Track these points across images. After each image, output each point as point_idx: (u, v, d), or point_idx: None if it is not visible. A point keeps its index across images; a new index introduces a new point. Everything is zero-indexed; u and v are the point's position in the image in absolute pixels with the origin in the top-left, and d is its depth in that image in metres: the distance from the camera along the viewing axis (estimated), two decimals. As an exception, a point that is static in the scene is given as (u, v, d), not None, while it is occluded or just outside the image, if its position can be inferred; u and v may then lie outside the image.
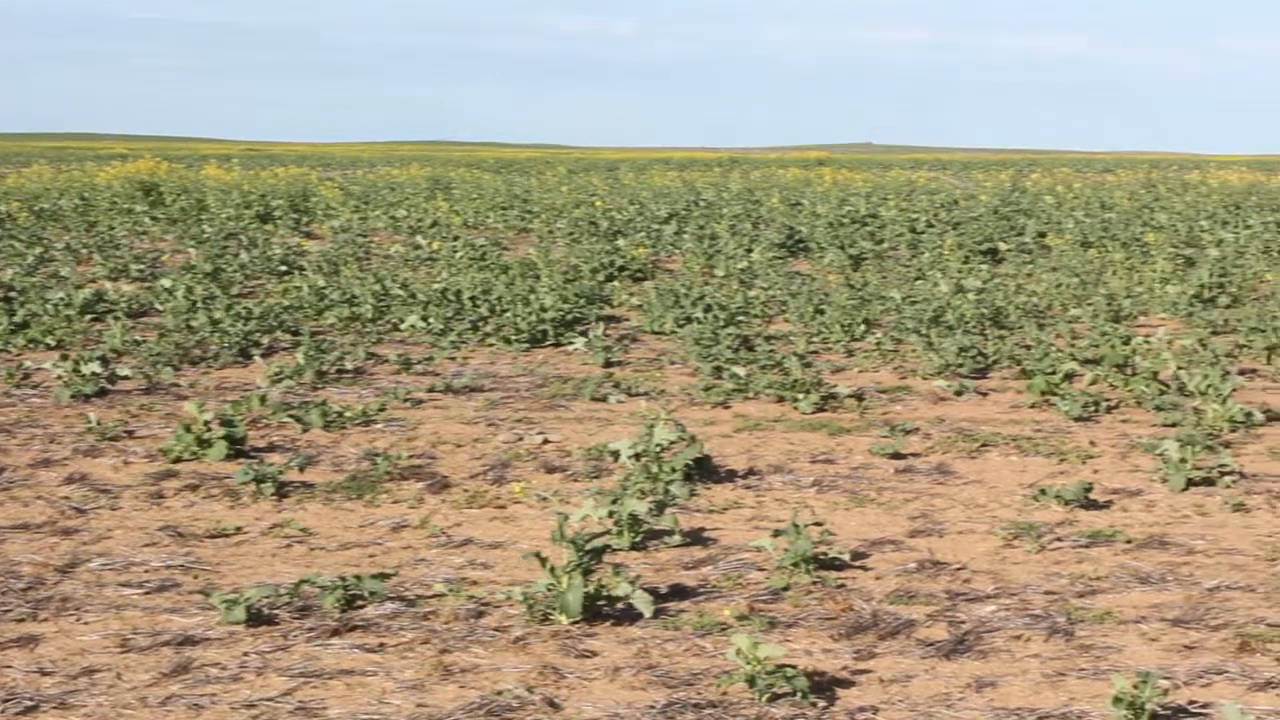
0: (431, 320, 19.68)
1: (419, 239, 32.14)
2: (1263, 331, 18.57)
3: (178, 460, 12.28)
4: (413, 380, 16.05)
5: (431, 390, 15.44)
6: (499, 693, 7.36)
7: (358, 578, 8.70)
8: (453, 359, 17.64)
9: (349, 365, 16.75)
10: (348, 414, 13.89)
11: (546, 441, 13.15)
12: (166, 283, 22.93)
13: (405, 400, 14.82)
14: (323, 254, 28.62)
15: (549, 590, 8.45)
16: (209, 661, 7.77)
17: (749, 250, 29.18)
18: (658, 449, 11.61)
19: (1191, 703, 7.29)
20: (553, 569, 8.47)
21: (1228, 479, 11.80)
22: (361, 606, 8.60)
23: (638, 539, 9.96)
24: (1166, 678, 7.53)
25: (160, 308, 21.36)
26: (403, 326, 19.79)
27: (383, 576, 8.83)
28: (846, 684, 7.54)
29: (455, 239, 31.39)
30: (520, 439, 13.23)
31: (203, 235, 32.56)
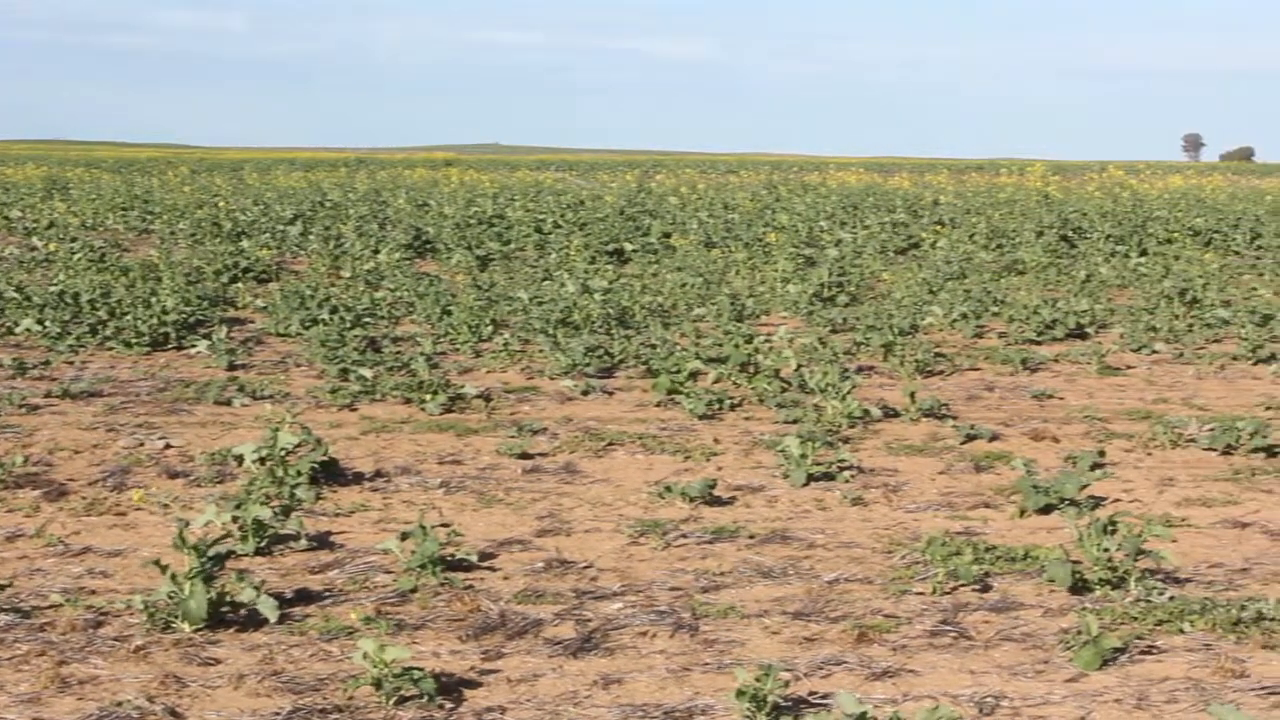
0: (48, 323, 19.11)
1: (35, 240, 31.24)
2: (879, 329, 19.08)
3: None
4: (28, 385, 15.57)
5: (48, 395, 14.99)
6: (119, 704, 7.17)
7: (-31, 590, 8.41)
8: (70, 363, 17.17)
9: (-40, 370, 16.17)
10: (-41, 421, 13.41)
11: (169, 446, 12.87)
12: None
13: (20, 406, 14.35)
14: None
15: (170, 598, 8.28)
16: None
17: (376, 251, 28.99)
18: (283, 453, 11.44)
19: (812, 693, 7.45)
20: (174, 576, 8.30)
21: (847, 474, 12.11)
22: (-27, 620, 8.31)
23: (263, 544, 9.81)
24: (788, 670, 7.69)
25: None
26: (17, 330, 19.18)
27: (-4, 588, 8.55)
28: (474, 684, 7.53)
29: (73, 240, 30.55)
30: (141, 444, 12.94)
31: None
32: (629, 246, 30.75)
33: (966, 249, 31.30)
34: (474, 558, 9.57)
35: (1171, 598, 8.93)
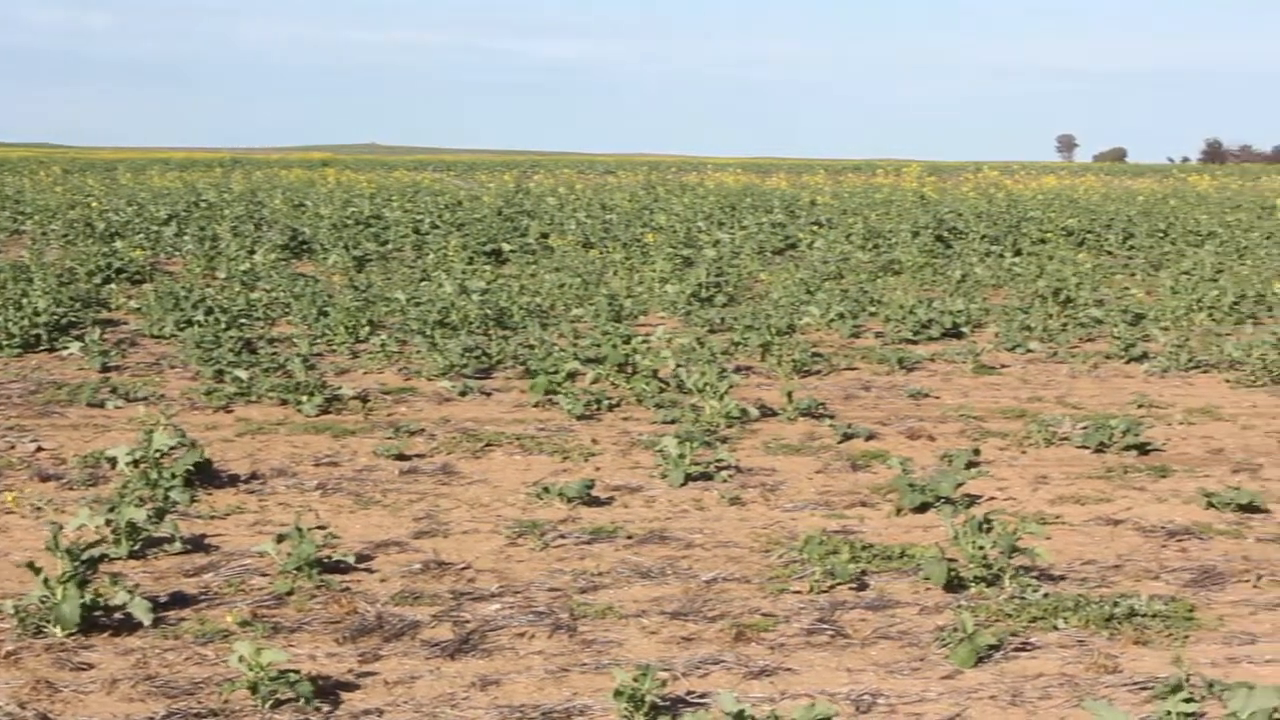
0: (-84, 325, 18.81)
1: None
2: (757, 329, 19.15)
3: None
4: (-104, 388, 15.33)
5: (-84, 398, 14.77)
6: (-11, 711, 7.07)
7: None
8: (-60, 365, 16.91)
9: None
10: None
11: (40, 449, 12.71)
12: None
13: (-112, 409, 14.14)
14: None
15: (43, 602, 8.17)
16: None
17: (251, 252, 28.76)
18: (157, 455, 11.33)
19: (690, 693, 7.46)
20: (46, 580, 8.19)
21: (724, 474, 12.14)
22: None
23: (137, 547, 9.71)
24: (666, 669, 7.70)
25: None
26: (-115, 332, 18.86)
27: None
28: (351, 687, 7.49)
29: (-58, 241, 30.12)
30: (12, 447, 12.77)
31: None
32: (507, 247, 30.69)
33: (843, 249, 31.48)
34: (351, 560, 9.52)
35: (1045, 595, 9.01)
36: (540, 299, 22.77)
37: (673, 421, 14.16)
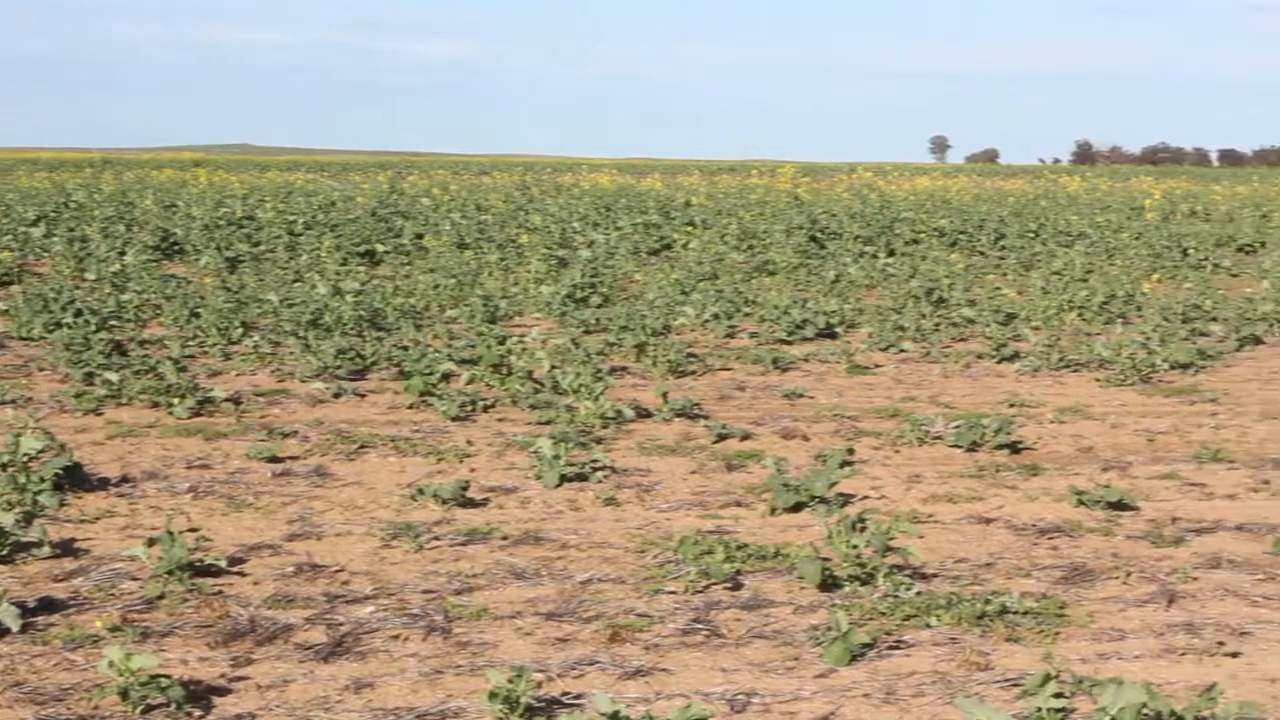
0: None
1: None
2: (632, 330, 19.17)
3: None
4: None
5: None
6: None
7: None
8: None
9: None
10: None
11: (-95, 453, 12.50)
12: None
13: None
14: None
15: (-93, 609, 8.04)
16: None
17: (122, 253, 28.43)
18: (25, 458, 11.15)
19: (565, 694, 7.45)
20: (-90, 587, 8.06)
21: (600, 474, 12.14)
22: None
23: (4, 552, 9.57)
24: (541, 670, 7.68)
25: None
26: None
27: None
28: (223, 691, 7.42)
29: None
30: (-124, 451, 12.54)
31: None
32: (381, 248, 30.57)
33: (718, 250, 31.59)
34: (223, 563, 9.43)
35: (919, 593, 9.07)
36: (415, 300, 22.69)
37: (548, 422, 14.15)
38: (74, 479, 11.47)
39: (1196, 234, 38.07)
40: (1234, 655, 8.30)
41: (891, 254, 32.50)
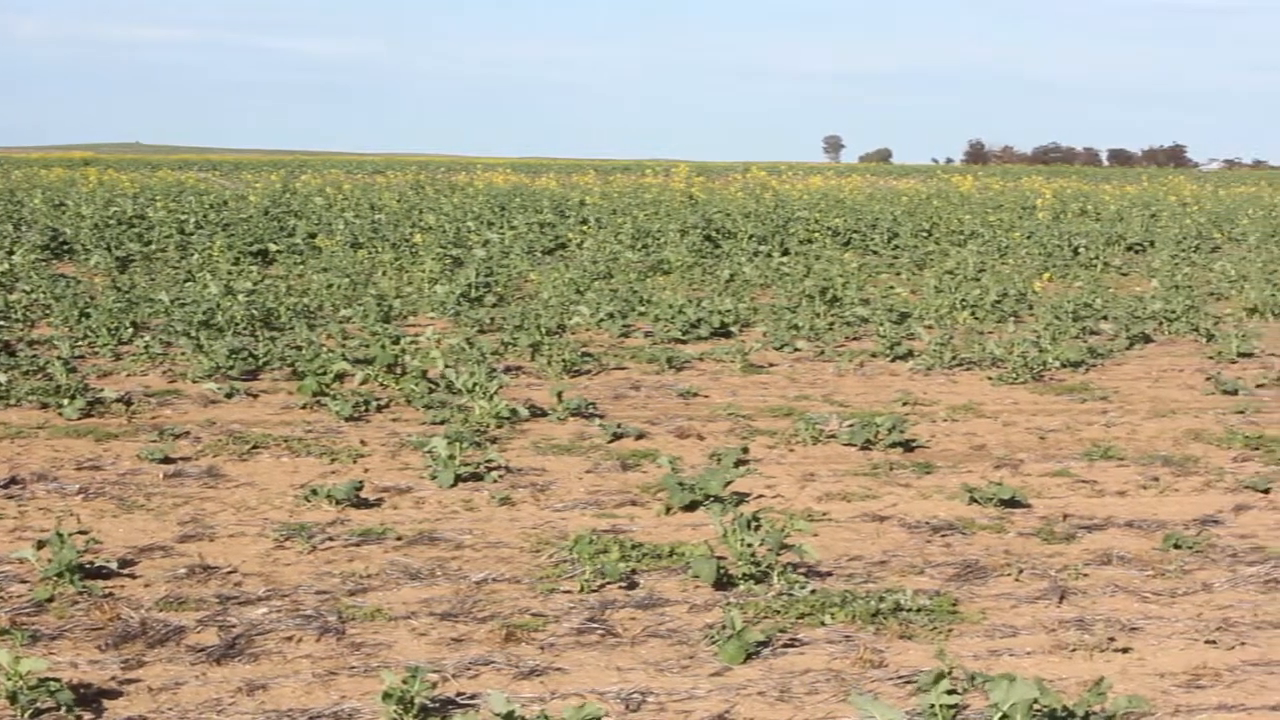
0: None
1: None
2: (527, 329, 19.15)
3: None
4: None
5: None
6: None
7: None
8: None
9: None
10: None
11: None
12: None
13: None
14: None
15: None
16: None
17: (10, 252, 28.10)
18: (-89, 460, 11.04)
19: (460, 694, 7.43)
20: None
21: (494, 474, 12.11)
22: None
23: (-111, 556, 9.44)
24: (436, 671, 7.67)
25: None
26: None
27: None
28: (114, 694, 7.36)
29: None
30: None
31: None
32: (274, 247, 30.38)
33: (613, 249, 31.59)
34: (114, 565, 9.34)
35: (813, 591, 9.11)
36: (308, 300, 22.55)
37: (442, 422, 14.10)
38: (-39, 481, 11.33)
39: (1087, 233, 38.43)
40: (1124, 651, 8.40)
41: (786, 253, 32.63)
